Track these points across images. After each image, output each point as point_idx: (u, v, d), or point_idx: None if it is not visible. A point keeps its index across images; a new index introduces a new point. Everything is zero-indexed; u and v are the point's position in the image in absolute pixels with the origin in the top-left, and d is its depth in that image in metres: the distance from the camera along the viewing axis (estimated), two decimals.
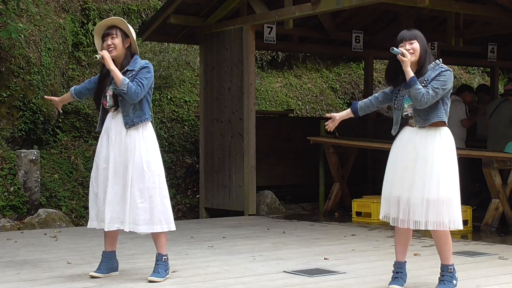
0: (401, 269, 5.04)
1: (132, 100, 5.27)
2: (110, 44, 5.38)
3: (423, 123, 4.90)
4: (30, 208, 9.27)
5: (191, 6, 10.24)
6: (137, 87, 5.26)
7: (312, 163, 11.12)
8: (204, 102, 10.75)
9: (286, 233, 8.09)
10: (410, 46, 4.92)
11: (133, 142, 5.33)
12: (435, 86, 4.82)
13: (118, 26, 5.44)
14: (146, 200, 5.31)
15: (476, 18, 10.91)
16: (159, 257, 5.41)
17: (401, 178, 4.93)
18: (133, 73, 5.35)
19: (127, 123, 5.33)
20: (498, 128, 9.78)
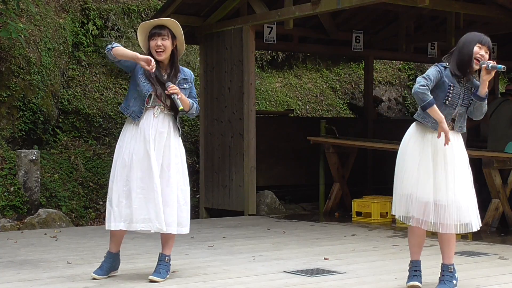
0: (418, 267, 5.09)
1: (193, 116, 5.54)
2: (160, 45, 5.30)
3: (458, 129, 4.97)
4: (30, 208, 9.27)
5: (191, 6, 10.24)
6: (198, 106, 5.49)
7: (312, 163, 11.12)
8: (204, 102, 10.75)
9: (286, 233, 8.09)
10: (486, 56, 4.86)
11: (175, 145, 5.37)
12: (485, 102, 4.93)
13: (169, 27, 5.36)
14: (186, 202, 5.39)
15: (476, 18, 10.91)
16: (162, 257, 5.41)
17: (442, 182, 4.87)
18: (190, 85, 5.42)
19: (179, 130, 5.44)
20: (498, 128, 9.78)
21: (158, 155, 5.28)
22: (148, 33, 5.38)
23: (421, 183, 4.90)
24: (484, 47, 4.86)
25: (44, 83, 10.46)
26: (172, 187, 5.29)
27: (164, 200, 5.25)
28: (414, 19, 11.57)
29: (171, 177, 5.29)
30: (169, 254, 5.43)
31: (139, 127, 5.31)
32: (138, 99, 5.31)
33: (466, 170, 4.93)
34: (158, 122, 5.31)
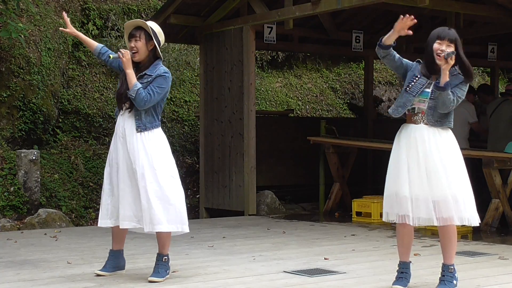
0: (405, 269, 5.02)
1: (139, 106, 5.28)
2: (133, 46, 5.36)
3: (433, 124, 4.89)
4: (30, 208, 9.27)
5: (191, 6, 10.24)
6: (147, 95, 5.25)
7: (312, 163, 11.12)
8: (204, 102, 10.75)
9: (286, 233, 8.09)
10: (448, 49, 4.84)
11: (144, 144, 5.32)
12: (459, 95, 4.85)
13: (142, 27, 5.40)
14: (162, 200, 5.31)
15: (476, 18, 10.91)
16: (159, 257, 5.41)
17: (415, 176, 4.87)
18: (150, 79, 5.34)
19: (139, 126, 5.34)
20: (498, 128, 9.78)
21: (125, 154, 5.36)
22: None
23: (399, 179, 4.92)
24: (444, 41, 4.88)
25: (44, 83, 10.46)
26: (143, 184, 5.29)
27: (137, 199, 5.31)
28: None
29: (142, 175, 5.30)
30: (166, 254, 5.41)
31: (116, 127, 5.48)
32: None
33: (449, 165, 4.84)
34: (124, 120, 5.39)
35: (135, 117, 5.34)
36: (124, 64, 5.29)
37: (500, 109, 9.90)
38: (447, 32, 4.92)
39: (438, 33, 4.95)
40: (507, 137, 9.18)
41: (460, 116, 10.02)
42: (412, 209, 4.87)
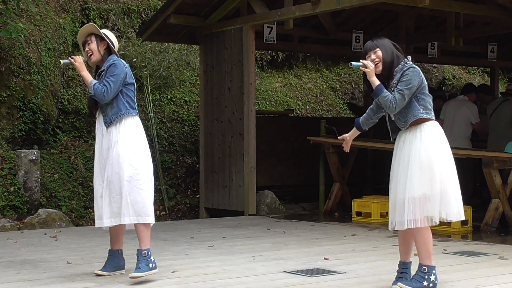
0: (405, 269, 5.02)
1: (101, 100, 5.36)
2: (88, 50, 5.52)
3: (404, 125, 4.94)
4: (30, 208, 9.27)
5: (191, 6, 10.24)
6: (103, 87, 5.33)
7: (312, 163, 11.12)
8: (204, 102, 10.75)
9: (286, 233, 8.09)
10: (374, 55, 4.96)
11: (111, 138, 5.42)
12: (399, 88, 4.84)
13: (92, 32, 5.53)
14: (118, 192, 5.32)
15: (476, 18, 10.91)
16: (138, 253, 5.37)
17: (396, 181, 4.97)
18: (104, 72, 5.44)
19: (106, 122, 5.45)
20: (498, 128, 9.78)
21: (99, 152, 5.50)
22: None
23: (390, 184, 5.03)
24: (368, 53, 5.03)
25: (44, 83, 10.46)
26: (105, 180, 5.39)
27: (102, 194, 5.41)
28: (414, 19, 11.56)
29: (106, 171, 5.39)
30: (145, 248, 5.34)
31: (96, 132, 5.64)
32: None
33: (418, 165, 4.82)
34: (99, 121, 5.53)
35: (102, 114, 5.47)
36: (78, 68, 5.47)
37: (500, 109, 9.90)
38: (366, 45, 5.08)
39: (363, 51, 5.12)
40: (507, 137, 9.18)
41: (462, 116, 10.04)
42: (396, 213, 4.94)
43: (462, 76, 16.93)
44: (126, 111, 5.40)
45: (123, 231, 5.58)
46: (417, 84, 4.85)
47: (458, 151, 8.90)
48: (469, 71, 17.34)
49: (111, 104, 5.38)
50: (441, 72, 16.56)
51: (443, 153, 4.89)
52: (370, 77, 4.89)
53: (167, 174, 11.45)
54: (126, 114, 5.39)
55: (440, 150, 4.88)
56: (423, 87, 4.91)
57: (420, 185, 4.81)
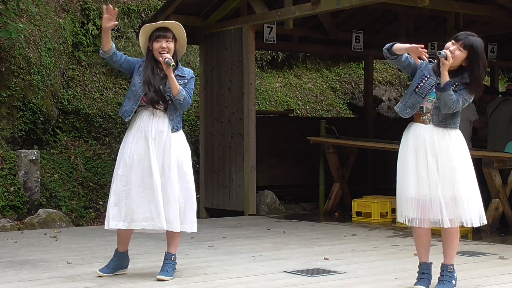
0: (426, 270, 4.99)
1: (182, 109, 5.43)
2: (165, 47, 5.37)
3: (439, 124, 4.86)
4: (30, 208, 9.27)
5: (191, 6, 10.24)
6: (190, 98, 5.42)
7: (312, 163, 11.12)
8: (204, 102, 10.75)
9: (286, 233, 8.09)
10: (455, 49, 4.82)
11: (176, 144, 5.39)
12: (465, 97, 4.80)
13: (173, 30, 5.43)
14: (188, 200, 5.39)
15: (476, 18, 10.90)
16: (168, 256, 5.44)
17: (424, 177, 4.85)
18: (185, 81, 5.42)
19: (174, 127, 5.42)
20: (498, 128, 9.78)
21: (158, 154, 5.34)
22: (150, 34, 5.43)
23: (406, 180, 4.91)
24: (457, 43, 4.85)
25: (44, 83, 10.46)
26: (173, 185, 5.32)
27: (165, 199, 5.29)
28: (414, 19, 11.56)
29: (171, 175, 5.33)
30: (175, 253, 5.47)
31: (140, 127, 5.38)
32: (132, 99, 5.40)
33: (457, 166, 4.82)
34: (158, 121, 5.38)
35: (169, 117, 5.41)
36: (168, 70, 5.30)
37: (500, 109, 9.91)
38: (465, 37, 4.87)
39: (457, 35, 4.92)
40: (507, 137, 9.18)
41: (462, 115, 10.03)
42: (420, 210, 4.86)
43: None
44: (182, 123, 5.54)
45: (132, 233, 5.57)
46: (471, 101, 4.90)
47: None
48: None
49: (177, 111, 5.43)
50: None
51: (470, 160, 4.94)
52: (444, 70, 4.74)
53: None
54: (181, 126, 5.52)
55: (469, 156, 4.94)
56: None
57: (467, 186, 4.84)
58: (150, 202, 5.28)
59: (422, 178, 4.86)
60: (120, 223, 5.33)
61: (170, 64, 5.27)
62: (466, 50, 4.82)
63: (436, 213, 4.83)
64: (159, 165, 5.31)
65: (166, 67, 5.29)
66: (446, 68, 4.75)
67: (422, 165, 4.86)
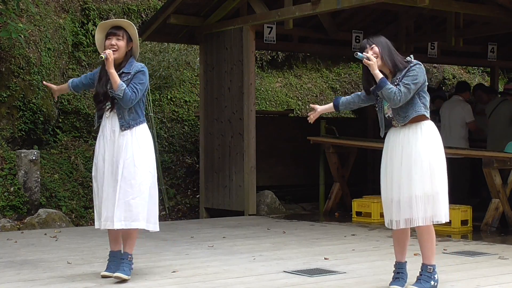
0: (401, 270, 5.03)
1: (126, 105, 5.34)
2: (114, 44, 5.39)
3: (403, 121, 4.93)
4: (30, 208, 9.27)
5: (191, 6, 10.24)
6: (132, 93, 5.32)
7: (312, 163, 11.12)
8: (204, 102, 10.75)
9: (286, 233, 8.09)
10: (371, 51, 4.93)
11: (126, 141, 5.38)
12: (406, 82, 4.82)
13: (125, 28, 5.45)
14: (138, 196, 5.34)
15: (476, 18, 10.91)
16: (125, 256, 5.42)
17: (391, 179, 4.98)
18: (129, 77, 5.38)
19: (123, 125, 5.38)
20: (497, 128, 9.78)
21: (110, 153, 5.40)
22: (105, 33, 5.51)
23: (382, 183, 5.08)
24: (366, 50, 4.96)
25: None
26: (120, 182, 5.32)
27: (112, 197, 5.33)
28: (414, 19, 11.56)
29: (118, 173, 5.34)
30: (130, 253, 5.42)
31: (101, 129, 5.50)
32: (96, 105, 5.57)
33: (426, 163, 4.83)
34: (111, 120, 5.43)
35: (118, 116, 5.40)
36: (109, 64, 5.31)
37: (499, 109, 9.91)
38: (361, 43, 5.07)
39: (361, 47, 5.05)
40: (506, 137, 9.18)
41: (457, 116, 10.05)
42: (394, 212, 4.93)
43: (462, 76, 16.93)
44: (143, 118, 5.48)
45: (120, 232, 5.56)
46: (422, 81, 4.88)
47: (457, 151, 8.91)
48: (469, 71, 17.35)
49: (130, 108, 5.38)
50: (441, 72, 16.57)
51: (442, 154, 4.92)
52: (373, 70, 4.85)
53: (167, 174, 11.45)
54: (142, 121, 5.46)
55: (440, 150, 4.92)
56: (425, 85, 4.95)
57: (424, 183, 4.83)
58: (108, 201, 5.36)
59: (389, 180, 5.00)
60: (96, 222, 5.47)
61: (102, 58, 5.33)
62: (373, 44, 4.95)
63: (400, 213, 4.88)
64: (112, 164, 5.38)
65: (106, 63, 5.33)
66: (375, 68, 4.86)
67: (390, 167, 5.01)
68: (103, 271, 5.52)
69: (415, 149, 4.88)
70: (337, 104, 5.34)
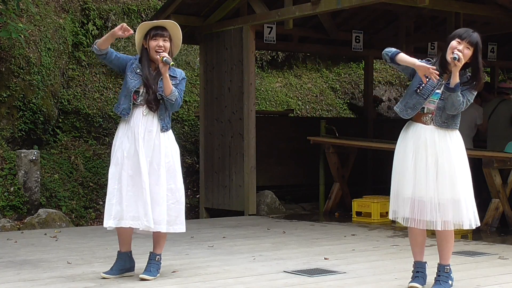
0: (421, 269, 5.03)
1: (173, 109, 5.43)
2: (162, 46, 5.37)
3: (441, 125, 4.86)
4: (30, 208, 9.27)
5: (191, 6, 10.24)
6: (180, 99, 5.43)
7: (312, 163, 11.12)
8: (204, 102, 10.75)
9: (286, 233, 8.09)
10: (466, 51, 4.78)
11: (164, 144, 5.37)
12: (469, 98, 4.82)
13: (170, 30, 5.46)
14: (177, 201, 5.40)
15: (476, 18, 10.90)
16: (153, 256, 5.46)
17: (422, 178, 4.85)
18: (176, 82, 5.42)
19: (163, 127, 5.39)
20: (497, 128, 9.79)
21: (147, 153, 5.34)
22: (146, 33, 5.46)
23: (404, 179, 4.91)
24: (463, 41, 4.80)
25: (44, 83, 10.46)
26: (161, 185, 5.33)
27: (153, 199, 5.30)
28: (414, 19, 11.56)
29: (161, 175, 5.33)
30: (159, 253, 5.47)
31: (130, 126, 5.39)
32: (128, 97, 5.40)
33: (457, 167, 4.83)
34: (147, 120, 5.38)
35: (159, 117, 5.39)
36: (164, 69, 5.29)
37: (499, 110, 9.92)
38: (469, 34, 4.84)
39: (460, 33, 4.86)
40: (506, 137, 9.18)
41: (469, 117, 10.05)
42: (417, 211, 4.86)
43: None
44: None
45: (131, 233, 5.55)
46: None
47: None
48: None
49: (167, 112, 5.42)
50: None
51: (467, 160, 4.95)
52: (456, 71, 4.71)
53: None
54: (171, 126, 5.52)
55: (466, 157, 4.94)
56: None
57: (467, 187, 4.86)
58: (138, 201, 5.27)
59: (420, 179, 4.86)
60: (110, 221, 5.33)
61: (169, 63, 5.27)
62: (472, 47, 4.81)
63: (432, 215, 4.85)
64: (147, 164, 5.32)
65: (162, 66, 5.28)
66: (458, 69, 4.74)
67: (421, 165, 4.87)
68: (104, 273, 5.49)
69: (453, 154, 4.84)
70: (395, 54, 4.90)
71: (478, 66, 4.83)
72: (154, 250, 5.48)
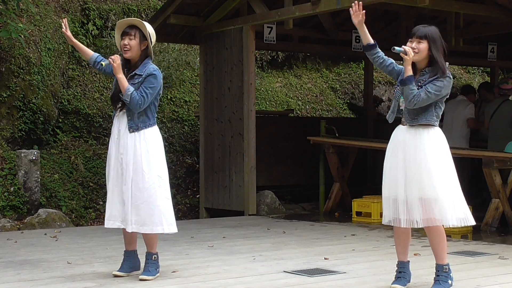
0: (404, 269, 5.05)
1: (134, 109, 5.31)
2: (127, 44, 5.38)
3: (411, 122, 4.92)
4: (30, 208, 9.28)
5: (191, 6, 10.24)
6: (140, 98, 5.28)
7: (312, 163, 11.12)
8: (204, 102, 10.75)
9: (286, 233, 8.09)
10: (416, 45, 4.88)
11: (134, 143, 5.36)
12: (429, 90, 4.81)
13: (138, 27, 5.44)
14: (146, 201, 5.34)
15: (476, 18, 10.91)
16: (148, 256, 5.46)
17: (395, 177, 4.95)
18: (140, 79, 5.36)
19: (131, 127, 5.37)
20: (499, 129, 9.78)
21: (118, 153, 5.40)
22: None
23: (386, 181, 5.02)
24: (414, 38, 4.88)
25: (44, 83, 10.46)
26: (128, 185, 5.34)
27: (121, 198, 5.36)
28: (414, 19, 11.55)
29: (128, 175, 5.35)
30: (154, 252, 5.46)
31: (112, 128, 5.54)
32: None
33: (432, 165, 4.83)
34: (120, 120, 5.45)
35: (127, 117, 5.38)
36: (115, 69, 5.31)
37: (501, 110, 9.91)
38: (418, 29, 4.94)
39: (412, 32, 4.96)
40: (508, 137, 9.18)
41: (460, 115, 10.07)
42: (395, 210, 4.93)
43: (462, 76, 16.93)
44: (153, 121, 5.46)
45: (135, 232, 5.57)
46: (444, 94, 4.89)
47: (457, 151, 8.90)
48: (469, 71, 17.34)
49: (140, 111, 5.37)
50: None
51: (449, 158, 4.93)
52: (406, 65, 4.83)
53: None
54: (152, 123, 5.44)
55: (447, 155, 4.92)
56: (444, 98, 4.96)
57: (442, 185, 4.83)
58: (114, 201, 5.40)
59: (394, 179, 4.95)
60: (106, 221, 5.48)
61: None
62: (424, 39, 4.88)
63: (409, 213, 4.89)
64: (118, 165, 5.38)
65: (115, 66, 5.32)
66: (409, 63, 4.83)
67: (395, 166, 4.96)
68: (116, 271, 5.53)
69: (423, 152, 4.86)
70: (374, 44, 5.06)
71: (434, 55, 4.87)
72: (147, 250, 5.51)
